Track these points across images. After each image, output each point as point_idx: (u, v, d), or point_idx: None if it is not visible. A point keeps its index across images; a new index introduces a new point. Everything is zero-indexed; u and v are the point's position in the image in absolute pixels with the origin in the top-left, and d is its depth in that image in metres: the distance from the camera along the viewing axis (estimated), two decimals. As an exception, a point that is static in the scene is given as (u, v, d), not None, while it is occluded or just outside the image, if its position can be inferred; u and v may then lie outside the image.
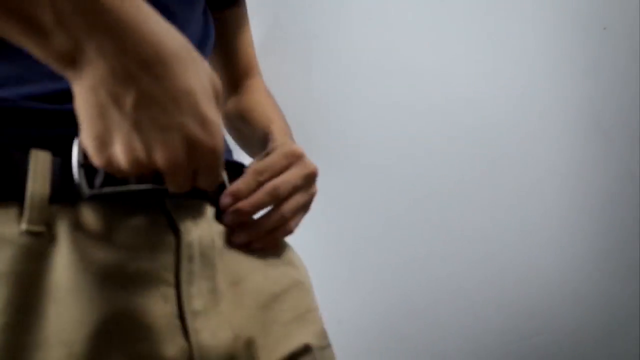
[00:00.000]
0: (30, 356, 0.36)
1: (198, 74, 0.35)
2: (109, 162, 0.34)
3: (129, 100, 0.32)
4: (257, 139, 0.64)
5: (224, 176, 0.49)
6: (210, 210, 0.48)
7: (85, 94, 0.33)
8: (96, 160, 0.35)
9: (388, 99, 0.96)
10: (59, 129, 0.41)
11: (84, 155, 0.39)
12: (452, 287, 0.97)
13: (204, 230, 0.46)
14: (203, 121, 0.35)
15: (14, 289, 0.36)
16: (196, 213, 0.46)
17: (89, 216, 0.40)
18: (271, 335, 0.47)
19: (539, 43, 1.09)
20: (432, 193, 0.97)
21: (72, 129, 0.40)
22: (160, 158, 0.34)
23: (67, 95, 0.41)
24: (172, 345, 0.42)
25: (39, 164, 0.39)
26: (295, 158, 0.51)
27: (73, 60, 0.32)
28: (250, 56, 0.77)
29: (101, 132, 0.33)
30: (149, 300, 0.41)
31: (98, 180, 0.40)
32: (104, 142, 0.34)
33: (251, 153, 0.73)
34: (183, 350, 0.42)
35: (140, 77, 0.32)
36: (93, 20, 0.31)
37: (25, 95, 0.41)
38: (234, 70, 0.76)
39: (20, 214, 0.37)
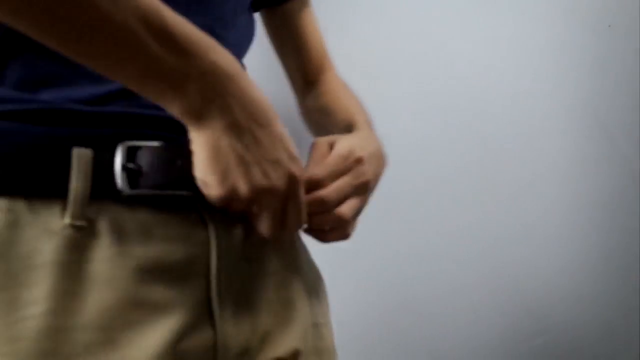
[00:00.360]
0: (71, 338, 0.40)
1: (280, 122, 0.45)
2: (231, 190, 0.43)
3: (244, 143, 0.42)
4: (339, 131, 0.66)
5: None
6: None
7: (208, 140, 0.42)
8: (218, 190, 0.43)
9: (392, 96, 0.96)
10: (98, 129, 0.45)
11: (126, 157, 0.44)
12: (453, 288, 0.97)
13: (236, 225, 0.50)
14: (291, 156, 0.45)
15: (58, 277, 0.41)
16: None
17: (128, 213, 0.45)
18: (284, 335, 0.51)
19: (543, 40, 1.09)
20: (433, 192, 0.97)
21: (111, 130, 0.45)
22: (273, 181, 0.44)
23: (105, 98, 0.46)
24: (200, 331, 0.46)
25: (81, 162, 0.43)
26: (354, 163, 0.54)
27: (200, 115, 0.41)
28: (320, 50, 0.79)
29: (222, 169, 0.42)
30: (180, 291, 0.45)
31: (140, 181, 0.45)
32: (225, 176, 0.42)
33: None
34: (209, 337, 0.46)
35: (251, 126, 0.43)
36: (223, 87, 0.42)
37: (67, 98, 0.45)
38: (307, 66, 0.78)
39: (65, 209, 0.42)
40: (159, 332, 0.43)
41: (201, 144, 0.42)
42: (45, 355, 0.39)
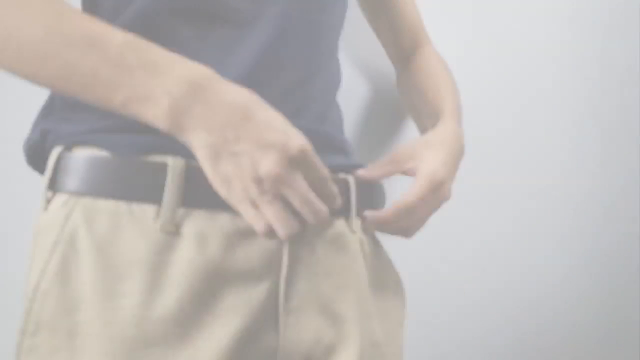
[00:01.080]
0: (153, 329, 0.46)
1: (266, 107, 0.45)
2: (236, 193, 0.44)
3: (231, 142, 0.43)
4: (427, 114, 0.69)
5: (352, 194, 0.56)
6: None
7: (201, 152, 0.44)
8: (226, 197, 0.45)
9: (392, 97, 0.97)
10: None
11: None
12: (453, 287, 0.97)
13: (306, 237, 0.52)
14: (287, 133, 0.44)
15: (147, 274, 0.46)
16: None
17: (210, 219, 0.49)
18: (343, 350, 0.53)
19: (543, 40, 1.09)
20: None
21: None
22: (267, 166, 0.43)
23: None
24: (264, 335, 0.50)
25: (175, 174, 0.48)
26: (437, 188, 0.58)
27: (182, 128, 0.44)
28: (415, 26, 0.79)
29: (223, 176, 0.44)
30: (250, 295, 0.49)
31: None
32: (228, 181, 0.44)
33: (420, 125, 0.74)
34: (272, 341, 0.50)
35: (232, 125, 0.43)
36: (192, 98, 0.43)
37: None
38: (401, 42, 0.79)
39: (158, 214, 0.47)
40: (226, 332, 0.47)
41: (199, 157, 0.44)
42: (131, 340, 0.45)
